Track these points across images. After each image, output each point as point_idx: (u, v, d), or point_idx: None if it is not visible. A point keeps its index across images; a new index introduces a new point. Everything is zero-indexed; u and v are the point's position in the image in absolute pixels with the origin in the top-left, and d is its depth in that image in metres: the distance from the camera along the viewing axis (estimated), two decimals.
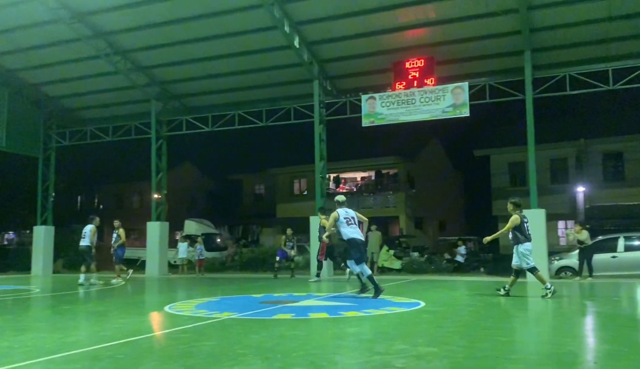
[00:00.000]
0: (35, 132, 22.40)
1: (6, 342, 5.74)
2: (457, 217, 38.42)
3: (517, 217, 9.76)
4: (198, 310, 8.23)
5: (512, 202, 9.98)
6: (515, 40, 16.15)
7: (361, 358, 4.88)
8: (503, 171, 30.03)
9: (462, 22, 15.88)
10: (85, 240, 14.65)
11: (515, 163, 28.66)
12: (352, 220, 10.12)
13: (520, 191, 20.86)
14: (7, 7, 16.92)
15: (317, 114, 18.38)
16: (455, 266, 19.80)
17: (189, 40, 17.80)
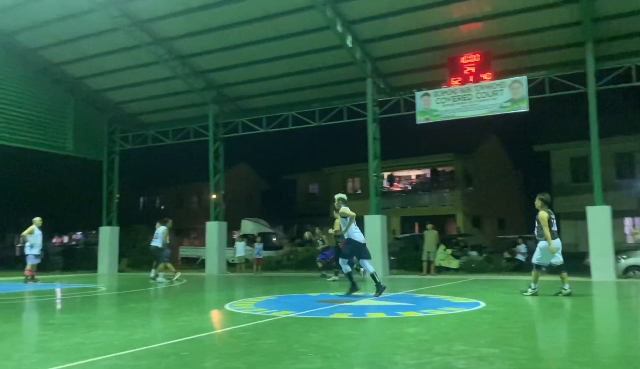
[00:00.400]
0: (100, 137, 23.41)
1: (78, 338, 6.03)
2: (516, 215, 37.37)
3: (546, 213, 9.69)
4: (257, 308, 8.38)
5: (540, 199, 9.86)
6: (576, 31, 15.57)
7: (421, 358, 4.84)
8: (565, 167, 28.99)
9: (519, 14, 15.45)
10: (157, 241, 15.24)
11: (577, 158, 27.62)
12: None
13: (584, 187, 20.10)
14: (72, 17, 17.77)
15: (370, 113, 18.33)
16: (516, 265, 19.26)
17: (244, 44, 18.14)
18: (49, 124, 21.02)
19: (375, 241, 17.42)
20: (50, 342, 5.80)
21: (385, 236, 17.97)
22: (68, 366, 4.57)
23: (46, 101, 20.86)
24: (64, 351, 5.28)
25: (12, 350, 5.34)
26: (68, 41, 19.13)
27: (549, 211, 9.82)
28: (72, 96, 21.87)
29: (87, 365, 4.60)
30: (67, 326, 6.92)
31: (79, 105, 22.17)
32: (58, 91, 21.35)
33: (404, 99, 18.62)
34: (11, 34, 19.12)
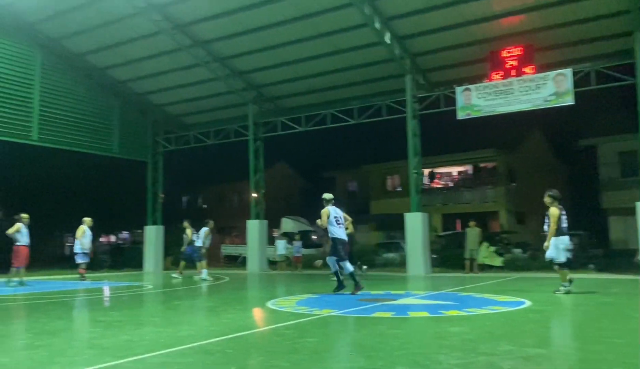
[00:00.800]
0: (144, 139, 24.01)
1: (127, 335, 6.20)
2: None
3: (557, 210, 9.64)
4: (299, 307, 8.43)
5: (550, 195, 9.84)
6: (623, 20, 15.05)
7: (466, 358, 4.77)
8: (613, 161, 28.04)
9: (563, 5, 15.06)
10: (199, 241, 15.61)
11: (626, 152, 26.64)
12: (340, 219, 10.50)
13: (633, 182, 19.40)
14: (116, 22, 18.29)
15: (410, 109, 18.17)
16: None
17: (282, 44, 18.27)
18: (96, 126, 21.70)
19: (417, 238, 17.30)
20: (101, 339, 5.98)
21: (426, 234, 17.79)
22: (118, 363, 4.71)
23: (93, 105, 21.54)
24: (114, 348, 5.44)
25: (66, 347, 5.53)
26: (112, 46, 19.69)
27: (560, 207, 9.78)
28: (117, 99, 22.51)
29: (137, 362, 4.73)
30: (116, 323, 7.13)
31: (124, 108, 22.81)
32: (104, 95, 22.01)
33: (444, 95, 18.39)
34: (59, 40, 19.81)
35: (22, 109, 19.13)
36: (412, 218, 17.65)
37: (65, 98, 20.53)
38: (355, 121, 20.31)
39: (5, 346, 5.60)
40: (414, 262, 17.25)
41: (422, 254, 17.19)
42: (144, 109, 23.71)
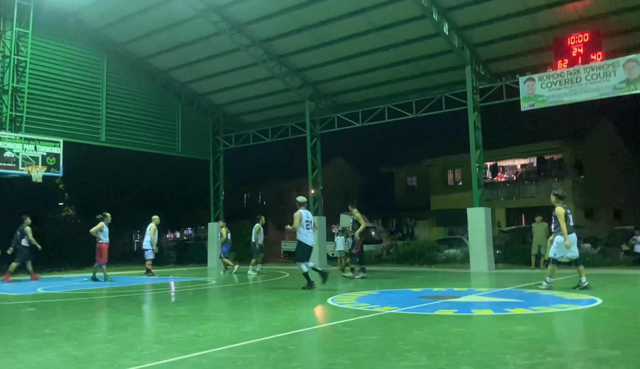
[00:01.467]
0: (205, 138, 24.64)
1: (192, 330, 6.38)
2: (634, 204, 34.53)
3: (563, 209, 9.86)
4: (359, 303, 8.41)
5: (555, 194, 10.15)
6: None
7: (533, 359, 4.61)
8: None
9: None
10: (252, 237, 16.10)
11: None
12: (310, 224, 11.01)
13: None
14: (177, 25, 18.84)
15: (471, 101, 17.73)
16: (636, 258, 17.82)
17: (338, 40, 18.26)
18: (160, 127, 22.46)
19: (479, 234, 16.89)
20: (168, 334, 6.18)
21: (489, 229, 17.33)
22: (185, 357, 4.85)
23: (156, 106, 22.31)
24: (180, 342, 5.60)
25: (135, 341, 5.75)
26: (174, 48, 20.29)
27: (565, 206, 10.00)
28: (180, 100, 23.21)
29: (202, 357, 4.85)
30: (182, 318, 7.34)
31: (186, 108, 23.48)
32: (167, 96, 22.73)
33: (507, 85, 17.83)
34: (123, 45, 20.60)
35: (91, 112, 20.04)
36: (474, 213, 17.24)
37: (130, 100, 21.36)
38: (413, 115, 20.03)
39: (80, 339, 5.88)
40: (477, 258, 16.85)
41: (485, 250, 16.77)
42: (205, 109, 24.32)
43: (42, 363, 4.75)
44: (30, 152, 17.56)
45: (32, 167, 17.49)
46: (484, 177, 22.89)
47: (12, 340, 5.96)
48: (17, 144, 17.26)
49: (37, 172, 17.59)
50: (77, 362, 4.73)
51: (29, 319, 7.61)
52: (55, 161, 18.21)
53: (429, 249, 20.96)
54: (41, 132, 18.19)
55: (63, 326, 6.86)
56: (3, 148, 16.94)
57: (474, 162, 17.73)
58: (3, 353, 5.23)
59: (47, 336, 6.14)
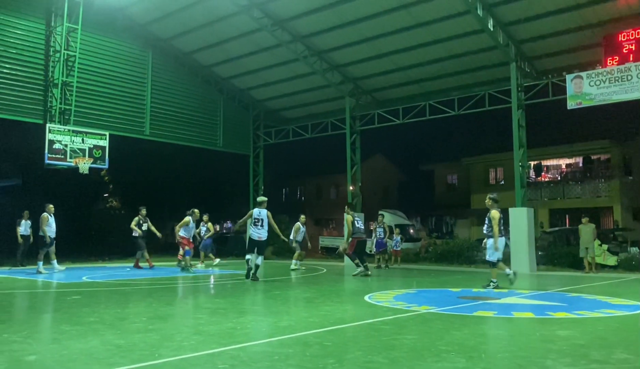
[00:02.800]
0: (246, 133, 24.90)
1: (230, 323, 6.46)
2: None
3: (498, 212, 10.39)
4: (397, 302, 8.36)
5: (490, 198, 10.65)
6: None
7: (576, 365, 4.48)
8: None
9: None
10: (291, 235, 16.27)
11: None
12: (259, 222, 12.31)
13: None
14: (220, 21, 19.08)
15: (515, 99, 17.34)
16: None
17: (380, 35, 18.14)
18: (202, 122, 22.83)
19: (521, 234, 16.54)
20: (206, 325, 6.28)
21: (532, 230, 16.94)
22: (223, 350, 4.91)
23: (199, 101, 22.67)
24: (218, 334, 5.68)
25: (174, 332, 5.87)
26: (216, 44, 20.56)
27: (500, 210, 10.53)
28: (221, 95, 23.52)
29: (239, 350, 4.91)
30: (220, 310, 7.45)
31: (227, 103, 23.78)
32: (209, 91, 23.06)
33: (553, 83, 17.36)
34: (168, 40, 21.00)
35: (136, 106, 20.53)
36: (516, 213, 16.88)
37: (173, 95, 21.77)
38: (455, 112, 19.72)
39: (122, 328, 6.04)
40: (518, 259, 16.49)
41: (527, 251, 16.40)
42: (246, 104, 24.57)
43: (86, 350, 4.90)
44: (78, 144, 18.14)
45: (80, 159, 18.07)
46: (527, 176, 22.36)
47: (58, 327, 6.17)
48: (65, 136, 17.85)
49: (84, 164, 18.16)
50: (119, 350, 4.86)
51: (74, 307, 7.86)
52: (101, 153, 18.76)
53: (468, 249, 20.62)
54: (88, 125, 18.75)
55: (106, 315, 7.06)
56: (53, 140, 17.56)
57: (517, 161, 17.34)
58: (50, 338, 5.42)
59: (91, 323, 6.33)
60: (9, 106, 17.15)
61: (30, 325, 6.36)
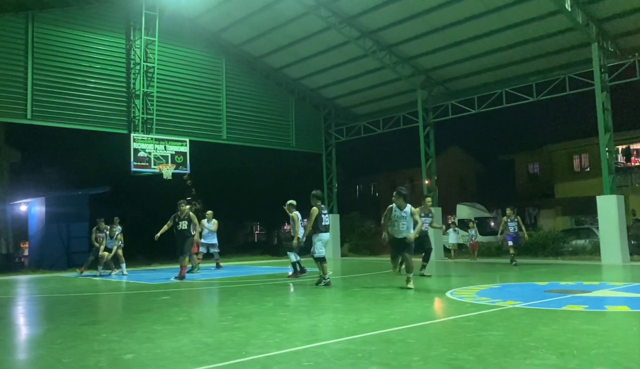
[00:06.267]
0: (318, 131, 25.11)
1: (312, 321, 6.55)
2: None
3: (317, 208, 10.61)
4: (480, 297, 8.15)
5: (313, 196, 10.81)
6: None
7: None
8: None
9: None
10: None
11: None
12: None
13: None
14: (288, 23, 19.37)
15: (598, 80, 16.40)
16: None
17: (450, 24, 17.73)
18: (275, 123, 23.27)
19: (611, 223, 15.66)
20: (289, 323, 6.40)
21: (622, 218, 15.97)
22: (306, 347, 5.00)
23: (271, 103, 23.12)
24: (301, 332, 5.78)
25: (259, 330, 6.02)
26: (286, 46, 20.87)
27: (321, 206, 10.74)
28: (293, 96, 23.85)
29: (322, 347, 4.97)
30: (302, 308, 7.57)
31: (298, 104, 24.08)
32: (281, 93, 23.46)
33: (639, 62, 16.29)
34: (239, 46, 21.55)
35: (213, 112, 21.24)
36: (605, 201, 15.98)
37: (247, 99, 22.32)
38: (534, 98, 18.93)
39: (210, 326, 6.28)
40: (609, 249, 15.62)
41: (618, 241, 15.49)
42: (316, 103, 24.77)
43: (177, 348, 5.13)
44: (161, 151, 19.02)
45: (163, 166, 18.95)
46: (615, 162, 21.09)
47: (150, 326, 6.50)
48: (149, 145, 18.77)
49: (168, 170, 19.02)
50: (208, 348, 5.05)
51: (164, 307, 8.24)
52: (182, 159, 19.57)
53: (554, 240, 19.77)
54: (169, 132, 19.61)
55: (194, 314, 7.36)
56: (137, 148, 18.51)
57: (603, 147, 16.40)
58: (143, 338, 5.72)
59: (181, 323, 6.62)
60: (95, 118, 18.25)
61: (125, 325, 6.73)
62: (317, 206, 10.72)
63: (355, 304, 8.08)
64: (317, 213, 10.64)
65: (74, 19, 18.01)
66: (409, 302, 8.08)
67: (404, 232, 9.74)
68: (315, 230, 10.67)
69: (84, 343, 5.49)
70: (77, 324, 6.80)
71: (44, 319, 7.94)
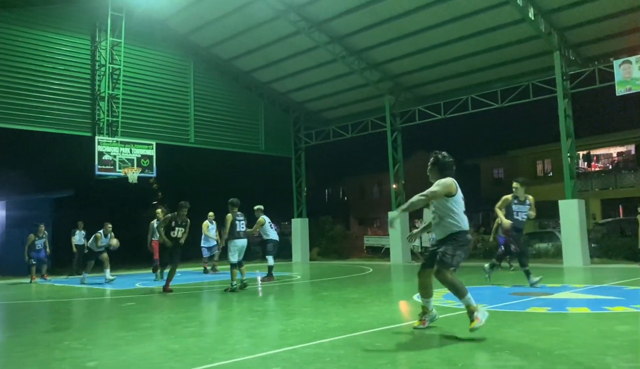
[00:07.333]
0: (287, 135, 25.08)
1: (281, 325, 6.53)
2: None
3: (231, 215, 10.89)
4: (446, 300, 8.25)
5: (229, 203, 11.16)
6: None
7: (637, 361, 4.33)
8: None
9: None
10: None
11: None
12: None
13: None
14: (258, 26, 19.33)
15: (560, 88, 16.84)
16: None
17: (418, 31, 17.95)
18: (244, 127, 23.13)
19: (573, 227, 16.08)
20: (258, 328, 6.37)
21: (583, 222, 16.42)
22: (275, 352, 4.97)
23: (240, 106, 22.97)
24: (270, 337, 5.76)
25: (227, 335, 5.97)
26: (256, 49, 20.79)
27: (236, 213, 11.00)
28: (262, 100, 23.76)
29: (291, 352, 4.96)
30: (271, 313, 7.54)
31: (268, 107, 24.01)
32: (250, 96, 23.34)
33: (600, 70, 16.80)
34: (208, 48, 21.37)
35: (180, 115, 20.98)
36: (567, 205, 16.40)
37: (216, 102, 22.13)
38: (499, 104, 19.32)
39: (176, 333, 6.19)
40: (571, 252, 16.03)
41: (579, 244, 15.91)
42: (286, 107, 24.75)
43: (143, 355, 5.05)
44: (126, 154, 18.68)
45: (128, 169, 18.62)
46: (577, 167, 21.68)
47: (114, 333, 6.38)
48: (114, 148, 18.43)
49: (133, 174, 18.71)
50: (174, 355, 4.98)
51: (129, 313, 8.10)
52: (149, 162, 19.28)
53: None
54: (135, 135, 19.29)
55: (160, 320, 7.25)
56: (102, 152, 18.15)
57: (565, 152, 16.85)
58: (107, 345, 5.61)
59: (146, 329, 6.51)
60: (59, 121, 17.82)
61: (89, 332, 6.59)
62: (232, 213, 11.06)
63: (324, 308, 8.08)
64: (231, 220, 10.95)
65: (37, 19, 17.56)
66: (376, 306, 8.13)
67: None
68: (230, 236, 10.99)
69: (45, 351, 5.35)
70: (39, 332, 6.62)
71: (3, 327, 7.70)
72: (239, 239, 10.97)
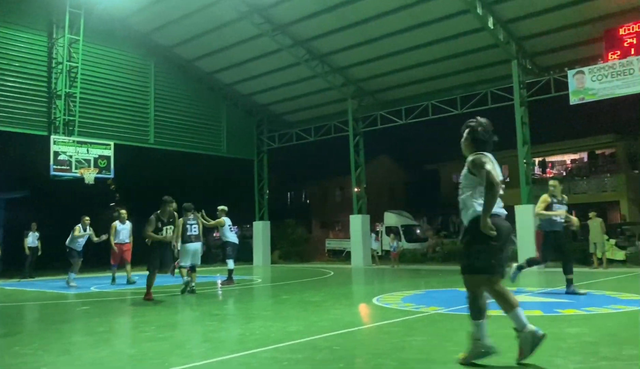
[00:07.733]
0: (250, 138, 24.97)
1: (240, 329, 6.48)
2: None
3: (182, 220, 10.98)
4: (405, 303, 8.36)
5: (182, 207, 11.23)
6: None
7: (586, 362, 4.48)
8: None
9: None
10: None
11: None
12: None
13: None
14: (222, 28, 19.21)
15: (517, 96, 17.33)
16: None
17: (381, 36, 18.17)
18: (206, 128, 22.92)
19: (528, 232, 16.50)
20: (216, 332, 6.31)
21: None
22: (233, 356, 4.94)
23: (202, 108, 22.75)
24: (228, 341, 5.71)
25: (184, 339, 5.90)
26: (219, 51, 20.64)
27: (188, 217, 11.14)
28: (225, 101, 23.60)
29: (249, 356, 4.93)
30: (229, 317, 7.48)
31: (231, 109, 23.86)
32: (212, 98, 23.15)
33: (555, 79, 17.35)
34: (170, 48, 21.09)
35: (140, 115, 20.63)
36: (523, 211, 16.85)
37: (177, 103, 21.85)
38: (458, 111, 19.72)
39: (132, 337, 6.07)
40: (526, 256, 16.42)
41: (534, 248, 16.34)
42: (249, 109, 24.64)
43: (97, 360, 4.93)
44: (83, 155, 18.23)
45: (85, 170, 18.17)
46: (532, 173, 22.30)
47: (68, 338, 6.21)
48: (70, 148, 17.95)
49: (90, 174, 18.26)
50: (130, 360, 4.89)
51: (83, 318, 7.90)
52: (106, 163, 18.85)
53: None
54: (93, 135, 18.85)
55: (116, 325, 7.10)
56: (57, 151, 17.66)
57: (521, 159, 17.33)
58: (60, 350, 5.46)
59: (102, 334, 6.36)
60: (13, 119, 17.27)
61: (40, 337, 6.39)
62: (184, 217, 11.16)
63: (284, 312, 8.07)
64: (182, 224, 11.02)
65: None
66: (336, 309, 8.16)
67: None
68: (182, 240, 11.08)
69: None
70: None
71: None
72: (190, 243, 10.98)
